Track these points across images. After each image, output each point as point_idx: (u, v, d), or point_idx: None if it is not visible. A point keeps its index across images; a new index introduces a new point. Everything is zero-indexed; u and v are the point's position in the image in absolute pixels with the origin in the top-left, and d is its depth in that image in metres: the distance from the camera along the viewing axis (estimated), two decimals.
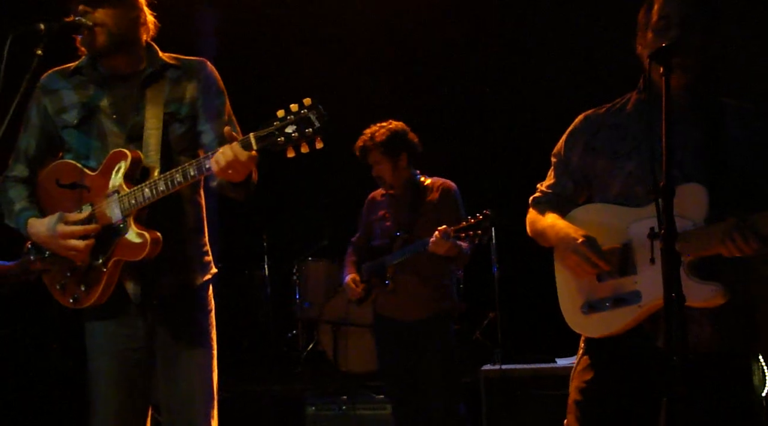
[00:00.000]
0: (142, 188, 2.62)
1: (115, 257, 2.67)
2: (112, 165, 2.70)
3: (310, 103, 2.37)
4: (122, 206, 2.65)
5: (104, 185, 2.70)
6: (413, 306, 4.52)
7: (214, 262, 3.02)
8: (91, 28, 2.68)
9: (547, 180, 2.85)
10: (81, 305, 2.75)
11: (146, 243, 2.61)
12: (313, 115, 2.35)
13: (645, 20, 2.58)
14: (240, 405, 5.87)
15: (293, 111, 2.37)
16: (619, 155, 2.60)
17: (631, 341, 2.50)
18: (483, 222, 4.14)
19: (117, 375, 2.80)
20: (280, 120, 2.37)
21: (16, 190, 2.86)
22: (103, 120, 2.78)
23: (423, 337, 4.50)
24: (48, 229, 2.69)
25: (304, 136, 2.35)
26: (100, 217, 2.69)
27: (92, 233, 2.66)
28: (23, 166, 2.89)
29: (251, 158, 2.44)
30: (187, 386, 2.82)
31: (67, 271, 2.75)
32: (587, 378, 2.59)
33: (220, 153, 2.45)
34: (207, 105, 2.84)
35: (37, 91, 2.86)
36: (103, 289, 2.69)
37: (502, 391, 5.11)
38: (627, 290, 2.49)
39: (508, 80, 7.14)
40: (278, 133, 2.37)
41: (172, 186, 2.59)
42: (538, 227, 2.77)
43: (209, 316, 2.92)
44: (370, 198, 4.86)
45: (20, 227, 2.80)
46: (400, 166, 4.56)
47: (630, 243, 2.51)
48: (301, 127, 2.35)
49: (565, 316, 2.67)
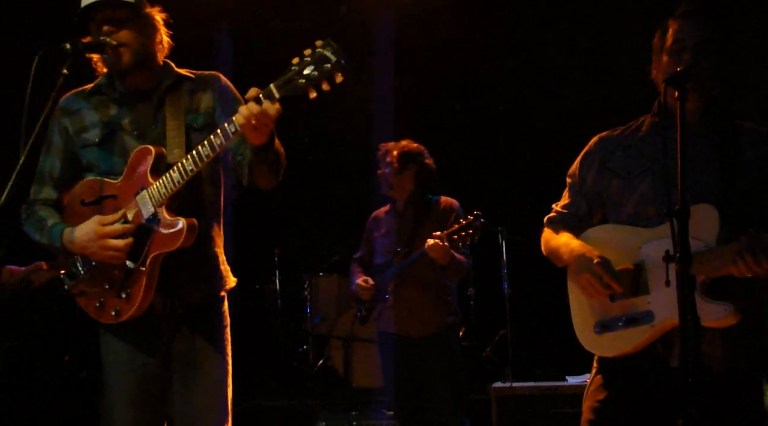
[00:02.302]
0: (170, 174, 2.63)
1: (152, 254, 2.68)
2: (137, 164, 2.73)
3: (322, 42, 2.39)
4: (153, 198, 2.67)
5: (131, 187, 2.73)
6: (417, 322, 4.55)
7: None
8: (116, 47, 2.73)
9: (561, 200, 2.88)
10: (123, 316, 2.74)
11: (183, 229, 2.63)
12: (328, 51, 2.37)
13: (660, 44, 2.61)
14: (251, 419, 5.88)
15: (307, 54, 2.39)
16: (633, 176, 2.63)
17: (644, 361, 2.51)
18: (473, 222, 4.23)
19: (133, 388, 2.83)
20: (297, 64, 2.39)
21: (45, 211, 2.89)
22: (125, 137, 2.83)
23: (428, 353, 4.52)
24: (85, 233, 2.70)
25: (323, 74, 2.36)
26: (133, 218, 2.71)
27: (129, 232, 2.68)
28: (50, 188, 2.91)
29: (276, 110, 2.43)
30: (203, 401, 2.84)
31: (105, 283, 2.76)
32: (600, 397, 2.60)
33: (244, 107, 2.45)
34: (225, 111, 2.85)
35: (57, 113, 2.89)
36: (144, 292, 2.69)
37: (513, 409, 5.11)
38: (640, 310, 2.51)
39: (523, 100, 7.17)
40: (297, 76, 2.38)
41: (201, 161, 2.59)
42: (552, 246, 2.80)
43: (225, 331, 2.94)
44: (373, 215, 4.92)
45: (54, 239, 2.80)
46: (403, 175, 4.63)
47: (643, 263, 2.53)
48: (318, 65, 2.36)
49: (578, 336, 2.68)
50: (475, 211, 4.27)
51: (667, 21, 2.60)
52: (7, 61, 4.53)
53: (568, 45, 6.86)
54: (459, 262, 4.41)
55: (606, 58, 6.49)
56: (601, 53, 6.59)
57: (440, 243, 4.21)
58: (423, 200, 4.70)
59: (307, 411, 5.78)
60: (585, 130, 2.90)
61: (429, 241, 4.25)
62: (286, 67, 2.41)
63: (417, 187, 4.68)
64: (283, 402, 6.14)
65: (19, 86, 2.52)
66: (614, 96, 6.28)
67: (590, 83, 6.77)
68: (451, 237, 4.21)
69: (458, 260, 4.39)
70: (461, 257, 4.43)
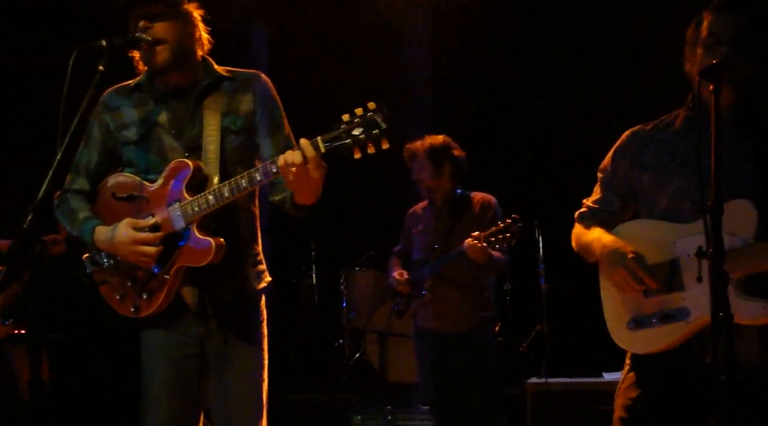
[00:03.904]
0: (206, 195, 2.66)
1: (177, 264, 2.72)
2: (173, 175, 2.75)
3: (375, 106, 2.44)
4: (185, 214, 2.70)
5: (164, 195, 2.76)
6: (453, 318, 4.56)
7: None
8: (152, 43, 2.74)
9: (593, 195, 2.85)
10: (142, 314, 2.80)
11: (211, 248, 2.66)
12: (379, 117, 2.42)
13: (694, 37, 2.57)
14: (286, 413, 5.92)
15: (359, 114, 2.44)
16: (666, 171, 2.59)
17: (679, 358, 2.48)
18: (510, 226, 4.25)
19: (170, 382, 2.86)
20: (347, 123, 2.44)
21: (77, 202, 2.92)
22: (162, 135, 2.85)
23: (464, 349, 4.54)
24: (117, 235, 2.74)
25: (370, 138, 2.42)
26: (163, 226, 2.74)
27: (159, 240, 2.72)
28: (84, 180, 2.95)
29: (320, 165, 2.49)
30: (238, 395, 2.86)
31: (128, 280, 2.81)
32: (633, 395, 2.57)
33: (288, 153, 2.50)
34: (265, 118, 2.88)
35: (99, 108, 2.93)
36: (164, 296, 2.75)
37: (548, 405, 5.08)
38: (674, 306, 2.47)
39: (556, 95, 7.12)
40: (345, 135, 2.43)
41: (237, 191, 2.63)
42: (583, 242, 2.77)
43: (262, 326, 2.96)
44: (411, 211, 4.93)
45: (85, 235, 2.84)
46: (442, 175, 4.62)
47: (677, 259, 2.49)
48: (367, 128, 2.42)
49: (610, 332, 2.66)
50: (513, 215, 4.28)
51: (702, 13, 2.55)
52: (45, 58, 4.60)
53: (602, 39, 6.80)
54: (497, 260, 4.42)
55: (640, 52, 6.42)
56: (635, 47, 6.52)
57: (478, 244, 4.22)
58: (460, 197, 4.68)
59: (343, 405, 5.80)
60: (621, 125, 2.87)
61: (467, 242, 4.27)
62: (322, 129, 2.46)
63: (452, 182, 4.68)
64: (318, 396, 6.17)
65: (58, 83, 2.56)
66: (649, 90, 6.21)
67: (625, 77, 6.70)
68: (489, 239, 4.24)
69: (496, 258, 4.41)
70: (499, 255, 4.43)
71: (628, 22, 6.49)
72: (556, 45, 7.07)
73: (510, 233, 4.24)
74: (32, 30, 6.19)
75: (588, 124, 6.75)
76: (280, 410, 6.12)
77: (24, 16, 6.18)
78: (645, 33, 6.26)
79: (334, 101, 7.21)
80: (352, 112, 2.45)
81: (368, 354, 6.59)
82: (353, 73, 7.42)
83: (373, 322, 6.52)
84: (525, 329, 6.82)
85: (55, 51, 3.41)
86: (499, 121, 7.48)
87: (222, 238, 2.70)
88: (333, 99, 7.30)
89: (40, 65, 5.47)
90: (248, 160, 2.89)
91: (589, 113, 6.85)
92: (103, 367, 6.29)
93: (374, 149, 2.44)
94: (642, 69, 6.49)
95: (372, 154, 2.45)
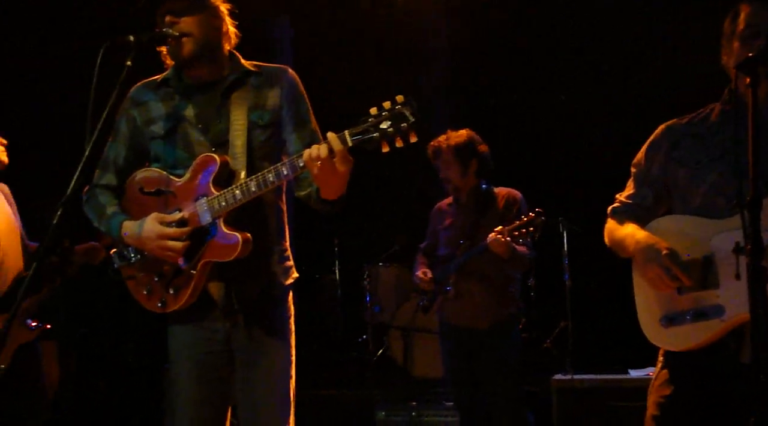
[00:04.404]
0: (233, 190, 2.65)
1: (204, 259, 2.71)
2: (200, 170, 2.74)
3: (403, 99, 2.41)
4: (212, 209, 2.68)
5: (191, 190, 2.74)
6: (478, 313, 4.53)
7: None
8: (178, 38, 2.73)
9: (626, 190, 2.82)
10: (168, 309, 2.79)
11: (238, 243, 2.65)
12: (407, 110, 2.39)
13: (730, 29, 2.53)
14: (310, 408, 5.91)
15: (386, 108, 2.41)
16: (702, 166, 2.56)
17: (714, 356, 2.45)
18: (534, 220, 4.22)
19: (197, 377, 2.85)
20: (374, 116, 2.42)
21: (105, 197, 2.92)
22: (189, 130, 2.83)
23: (489, 345, 4.51)
24: (144, 230, 2.73)
25: (399, 131, 2.39)
26: (190, 220, 2.73)
27: (186, 235, 2.71)
28: (112, 175, 2.95)
29: (347, 159, 2.46)
30: (265, 391, 2.85)
31: (155, 276, 2.81)
32: (666, 393, 2.54)
33: (315, 147, 2.48)
34: (291, 113, 2.87)
35: (127, 103, 2.93)
36: (191, 292, 2.74)
37: (573, 402, 5.06)
38: (709, 304, 2.44)
39: (583, 89, 7.06)
40: (373, 128, 2.41)
41: (264, 186, 2.61)
42: (616, 237, 2.74)
43: (289, 322, 2.95)
44: (436, 207, 4.91)
45: (113, 230, 2.84)
46: (469, 173, 4.60)
47: (712, 256, 2.46)
48: (396, 121, 2.39)
49: (643, 328, 2.63)
50: (537, 209, 4.26)
51: (739, 5, 2.52)
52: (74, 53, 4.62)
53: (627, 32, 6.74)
54: (521, 255, 4.39)
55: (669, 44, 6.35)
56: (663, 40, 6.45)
57: (501, 239, 4.21)
58: (485, 192, 4.66)
59: (367, 401, 5.79)
60: (648, 120, 2.84)
61: (491, 236, 4.24)
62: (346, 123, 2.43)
63: (478, 178, 4.66)
64: (342, 391, 6.16)
65: (86, 79, 2.55)
66: (677, 83, 6.15)
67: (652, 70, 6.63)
68: (512, 233, 4.21)
69: (520, 253, 4.37)
70: (524, 249, 4.40)
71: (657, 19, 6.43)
72: (584, 39, 7.00)
73: (534, 227, 4.21)
74: (60, 27, 6.23)
75: (612, 119, 6.70)
76: (304, 406, 6.09)
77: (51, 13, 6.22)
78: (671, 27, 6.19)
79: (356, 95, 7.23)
80: (380, 105, 2.42)
81: (392, 349, 6.58)
82: (375, 67, 7.41)
83: (398, 317, 6.50)
84: (549, 325, 6.79)
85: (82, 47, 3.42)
86: (523, 117, 7.42)
87: (249, 233, 2.69)
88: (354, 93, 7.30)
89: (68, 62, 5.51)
90: (275, 155, 2.87)
91: (613, 109, 6.80)
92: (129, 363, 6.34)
93: (402, 143, 2.41)
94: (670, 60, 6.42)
95: (399, 148, 2.42)
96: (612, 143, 6.59)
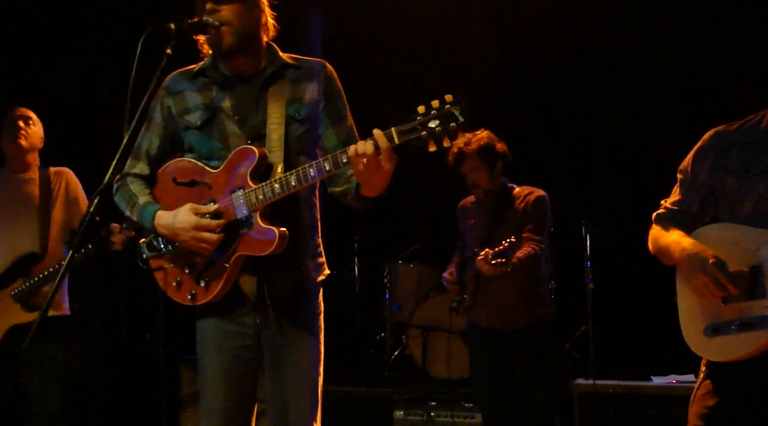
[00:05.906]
0: (271, 183, 2.61)
1: (238, 253, 2.68)
2: (237, 162, 2.70)
3: (453, 98, 2.38)
4: (249, 202, 2.65)
5: (227, 182, 2.71)
6: (504, 315, 4.49)
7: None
8: (218, 27, 2.69)
9: (672, 196, 2.77)
10: (198, 302, 2.76)
11: (275, 238, 2.61)
12: (457, 110, 2.36)
13: None
14: (327, 405, 5.88)
15: (435, 106, 2.38)
16: (752, 174, 2.51)
17: (760, 368, 2.40)
18: (506, 250, 4.11)
19: (225, 372, 2.83)
20: (422, 115, 2.38)
21: (137, 186, 2.89)
22: (225, 121, 2.80)
23: (518, 347, 4.47)
24: (179, 220, 2.69)
25: (447, 131, 2.36)
26: (224, 213, 2.70)
27: (220, 227, 2.67)
28: (144, 164, 2.92)
29: (392, 156, 2.43)
30: (294, 387, 2.83)
31: (185, 267, 2.78)
32: (710, 404, 2.50)
33: (360, 143, 2.45)
34: (329, 108, 2.84)
35: (162, 92, 2.89)
36: (223, 285, 2.71)
37: (595, 407, 5.02)
38: (755, 314, 2.40)
39: (618, 91, 6.97)
40: (421, 127, 2.38)
41: (304, 181, 2.57)
42: (661, 244, 2.69)
43: (318, 319, 2.94)
44: (460, 206, 4.86)
45: (145, 220, 2.80)
46: (496, 174, 4.53)
47: (761, 266, 2.42)
48: (445, 121, 2.36)
49: (685, 337, 2.59)
50: (510, 239, 4.15)
51: None
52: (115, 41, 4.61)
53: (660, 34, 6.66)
54: (520, 260, 4.28)
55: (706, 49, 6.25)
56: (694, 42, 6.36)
57: (485, 265, 4.13)
58: (506, 191, 4.61)
59: (385, 399, 5.75)
60: (673, 124, 2.79)
61: (478, 259, 4.18)
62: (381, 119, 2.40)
63: (501, 177, 4.61)
64: (360, 389, 6.11)
65: (126, 67, 2.52)
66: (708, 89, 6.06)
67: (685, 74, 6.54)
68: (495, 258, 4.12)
69: (520, 259, 4.28)
70: (525, 251, 4.32)
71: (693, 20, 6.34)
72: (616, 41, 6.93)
73: (505, 258, 4.11)
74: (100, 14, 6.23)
75: (646, 122, 6.62)
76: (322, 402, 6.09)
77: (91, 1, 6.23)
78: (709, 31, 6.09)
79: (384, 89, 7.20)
80: (428, 103, 2.39)
81: (411, 348, 6.53)
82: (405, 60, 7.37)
83: (417, 316, 6.46)
84: (569, 329, 6.73)
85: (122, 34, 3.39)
86: (549, 119, 7.35)
87: (285, 228, 2.65)
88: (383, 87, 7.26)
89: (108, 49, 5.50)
90: (311, 149, 2.84)
91: (648, 111, 6.71)
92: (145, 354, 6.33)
93: (450, 142, 2.38)
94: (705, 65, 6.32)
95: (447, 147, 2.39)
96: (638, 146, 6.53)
